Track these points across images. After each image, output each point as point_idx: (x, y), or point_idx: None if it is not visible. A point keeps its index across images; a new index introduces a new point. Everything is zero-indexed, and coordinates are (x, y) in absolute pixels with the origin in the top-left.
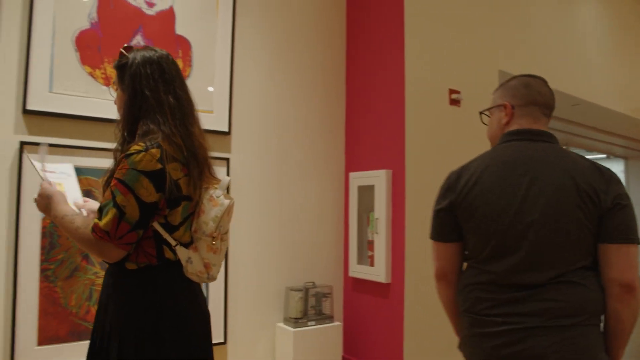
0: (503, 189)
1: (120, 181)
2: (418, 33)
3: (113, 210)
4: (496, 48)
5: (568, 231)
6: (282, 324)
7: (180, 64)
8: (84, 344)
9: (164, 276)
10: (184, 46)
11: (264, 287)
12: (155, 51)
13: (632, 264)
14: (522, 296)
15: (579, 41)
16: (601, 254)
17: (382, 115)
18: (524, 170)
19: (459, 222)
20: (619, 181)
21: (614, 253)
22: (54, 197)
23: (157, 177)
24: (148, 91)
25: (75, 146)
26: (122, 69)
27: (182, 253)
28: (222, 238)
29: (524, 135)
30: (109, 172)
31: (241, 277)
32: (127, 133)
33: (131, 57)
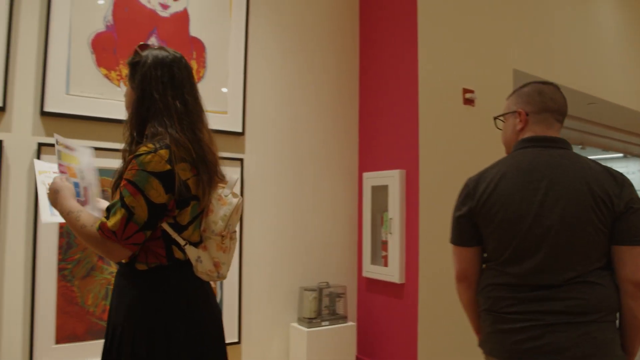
0: (521, 195)
1: (130, 182)
2: (431, 32)
3: (122, 210)
4: (510, 46)
5: (584, 234)
6: (296, 324)
7: (194, 66)
8: (101, 343)
9: (175, 276)
10: (198, 48)
11: (278, 287)
12: (168, 53)
13: None
14: (542, 295)
15: (595, 39)
16: (615, 255)
17: (396, 115)
18: (541, 176)
19: (479, 228)
20: (632, 185)
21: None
22: (61, 192)
23: (167, 178)
24: (156, 94)
25: (91, 147)
26: (134, 67)
27: (192, 252)
28: (231, 237)
29: (539, 142)
30: (118, 173)
31: (255, 277)
32: (136, 133)
33: (144, 57)
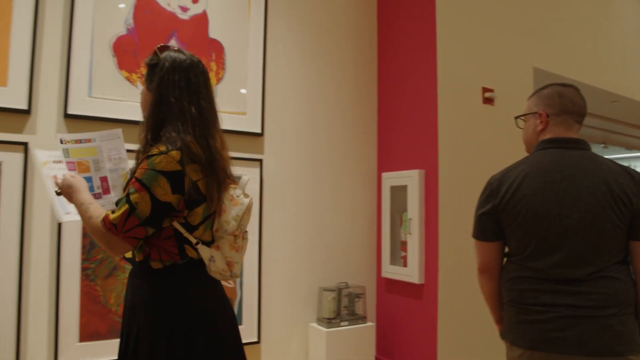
0: (543, 195)
1: (137, 180)
2: (450, 31)
3: (125, 205)
4: (530, 44)
5: (603, 232)
6: (315, 324)
7: (213, 67)
8: None
9: (190, 275)
10: (217, 49)
11: (297, 287)
12: (186, 57)
13: None
14: (564, 289)
15: (617, 35)
16: (632, 250)
17: (415, 114)
18: (562, 176)
19: (501, 225)
20: None
21: None
22: (74, 186)
23: (175, 178)
24: (173, 98)
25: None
26: (153, 69)
27: (205, 252)
28: (243, 236)
29: (560, 143)
30: (131, 173)
31: (274, 277)
32: (151, 136)
33: (162, 59)
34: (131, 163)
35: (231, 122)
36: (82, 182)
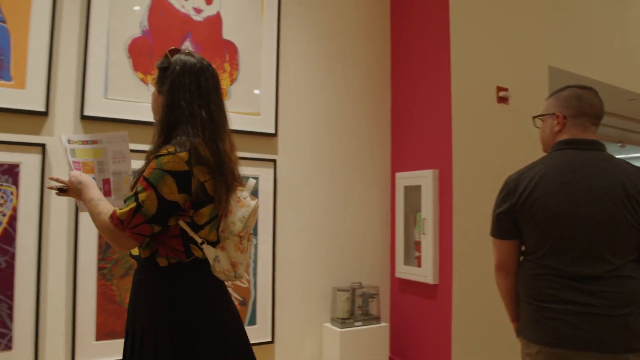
0: (560, 196)
1: (145, 178)
2: (464, 30)
3: (133, 202)
4: (545, 42)
5: (618, 231)
6: (329, 324)
7: (227, 68)
8: None
9: (195, 274)
10: (231, 50)
11: (311, 287)
12: (197, 60)
13: None
14: (580, 286)
15: (634, 33)
16: None
17: (428, 114)
18: (578, 177)
19: (518, 224)
20: None
21: None
22: (83, 182)
23: (182, 178)
24: (184, 102)
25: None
26: (164, 72)
27: (210, 252)
28: (249, 238)
29: (576, 144)
30: (139, 173)
31: (288, 277)
32: (162, 139)
33: (173, 62)
34: (141, 163)
35: (245, 123)
36: (91, 179)
